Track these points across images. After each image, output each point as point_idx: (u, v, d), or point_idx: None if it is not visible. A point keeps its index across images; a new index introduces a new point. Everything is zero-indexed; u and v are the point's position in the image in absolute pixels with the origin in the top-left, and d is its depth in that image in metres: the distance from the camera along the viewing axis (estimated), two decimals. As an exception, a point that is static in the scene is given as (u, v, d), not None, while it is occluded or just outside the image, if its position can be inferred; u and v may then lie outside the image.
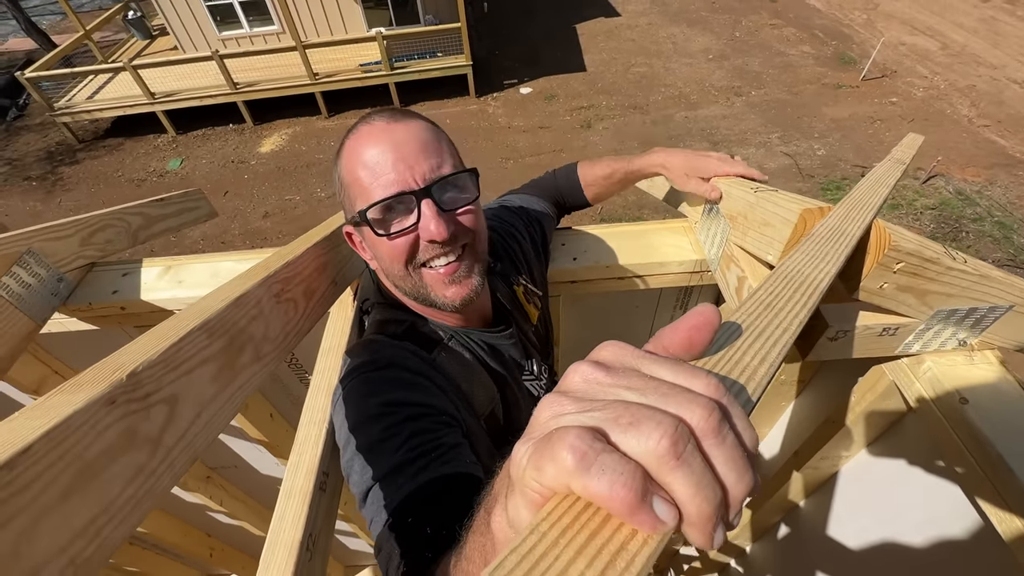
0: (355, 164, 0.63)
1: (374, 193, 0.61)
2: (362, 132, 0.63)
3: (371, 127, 0.63)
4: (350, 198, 0.65)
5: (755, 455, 0.22)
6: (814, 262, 0.44)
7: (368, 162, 0.61)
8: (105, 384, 0.32)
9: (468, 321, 0.77)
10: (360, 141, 0.63)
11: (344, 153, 0.65)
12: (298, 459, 0.63)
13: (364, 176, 0.62)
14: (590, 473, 0.19)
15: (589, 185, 1.03)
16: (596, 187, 1.03)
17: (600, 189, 1.03)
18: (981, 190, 5.49)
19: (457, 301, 0.67)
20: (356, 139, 0.63)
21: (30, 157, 7.71)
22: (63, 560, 0.28)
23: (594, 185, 1.03)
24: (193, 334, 0.40)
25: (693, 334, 0.27)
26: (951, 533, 0.83)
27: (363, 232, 0.66)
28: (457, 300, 0.66)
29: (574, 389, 0.24)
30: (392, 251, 0.64)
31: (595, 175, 1.02)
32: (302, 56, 7.22)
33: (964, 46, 8.08)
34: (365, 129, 0.63)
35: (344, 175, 0.65)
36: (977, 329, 0.70)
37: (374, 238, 0.64)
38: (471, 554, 0.33)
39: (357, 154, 0.62)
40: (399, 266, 0.65)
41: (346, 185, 0.65)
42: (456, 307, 0.67)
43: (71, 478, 0.28)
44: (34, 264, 0.89)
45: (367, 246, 0.69)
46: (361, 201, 0.63)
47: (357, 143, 0.63)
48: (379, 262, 0.69)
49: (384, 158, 0.61)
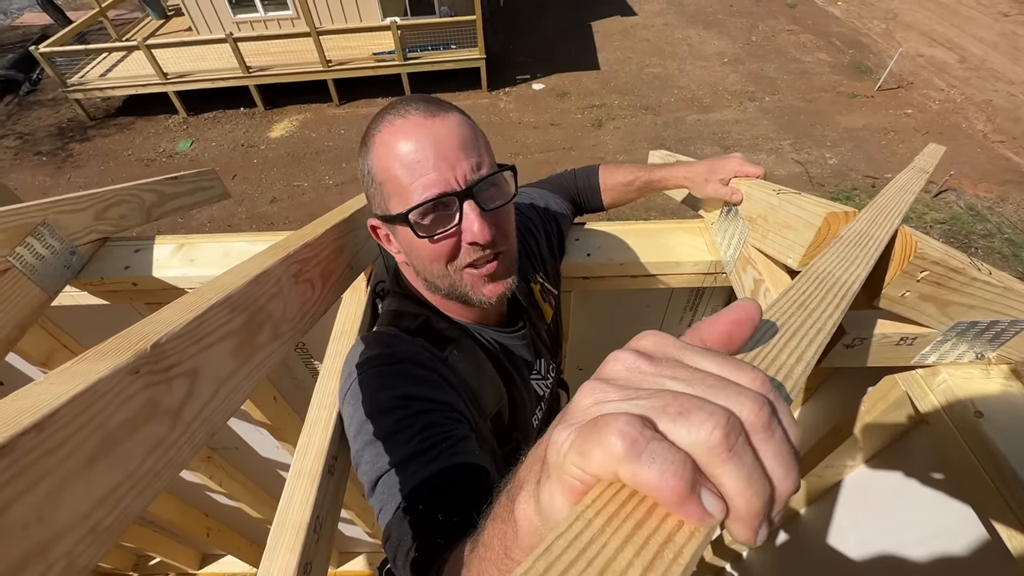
0: (391, 160, 0.59)
1: (414, 193, 0.58)
2: (397, 125, 0.59)
3: (407, 120, 0.59)
4: (383, 195, 0.62)
5: (799, 452, 0.21)
6: (844, 264, 0.44)
7: (406, 159, 0.58)
8: (130, 353, 0.32)
9: (486, 317, 0.76)
10: (396, 135, 0.58)
11: (376, 145, 0.61)
12: (308, 440, 0.63)
13: (402, 174, 0.58)
14: (640, 461, 0.18)
15: (608, 190, 1.03)
16: (615, 192, 1.03)
17: (618, 195, 1.03)
18: (992, 206, 5.45)
19: (494, 299, 0.66)
20: (391, 132, 0.59)
21: (41, 132, 7.72)
22: (84, 528, 0.28)
23: (613, 190, 1.03)
24: (216, 308, 0.39)
25: (733, 328, 0.26)
26: (955, 548, 0.82)
27: (396, 230, 0.64)
28: (494, 298, 0.66)
29: (616, 377, 0.23)
30: (433, 253, 0.62)
31: (616, 180, 1.01)
32: (316, 42, 7.20)
33: (983, 60, 8.00)
34: (400, 122, 0.59)
35: (376, 170, 0.61)
36: (996, 343, 0.69)
37: (412, 239, 0.61)
38: (489, 541, 0.33)
39: (392, 149, 0.58)
40: (438, 267, 0.63)
41: (379, 181, 0.61)
42: (492, 304, 0.67)
43: (95, 445, 0.28)
44: (48, 236, 0.89)
45: (399, 243, 0.66)
46: (398, 200, 0.60)
47: (392, 136, 0.59)
48: (413, 261, 0.66)
49: (424, 156, 0.57)
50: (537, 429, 0.85)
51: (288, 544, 0.53)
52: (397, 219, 0.60)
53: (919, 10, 9.66)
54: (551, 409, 0.92)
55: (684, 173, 0.92)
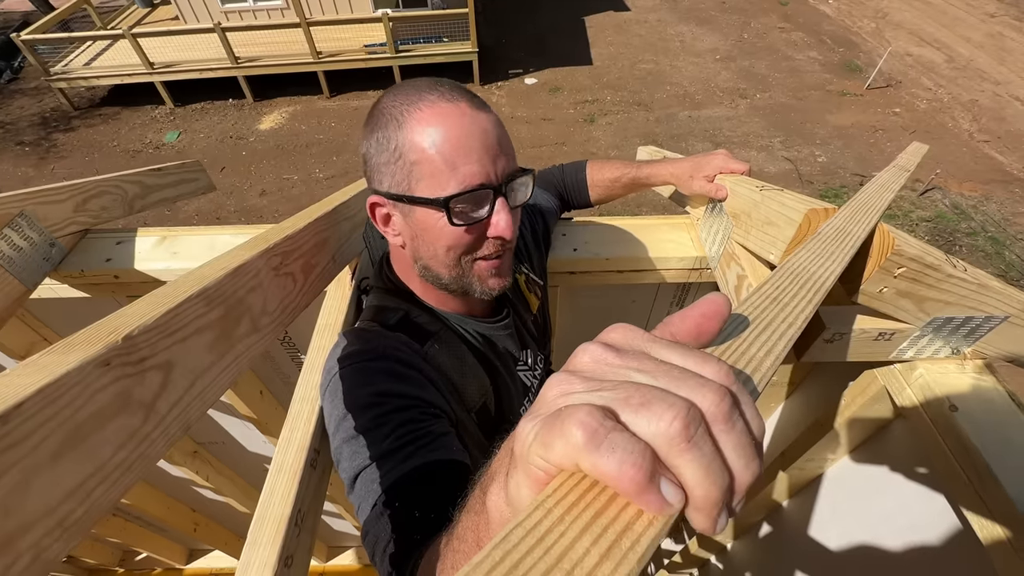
0: (434, 141, 0.57)
1: (454, 179, 0.58)
2: (444, 109, 0.58)
3: (455, 106, 0.58)
4: (411, 174, 0.59)
5: (761, 443, 0.22)
6: (820, 260, 0.44)
7: (453, 144, 0.57)
8: (100, 345, 0.31)
9: (471, 309, 0.76)
10: (445, 118, 0.58)
11: (415, 122, 0.58)
12: (290, 435, 0.62)
13: (445, 159, 0.57)
14: (600, 451, 0.19)
15: (595, 186, 1.03)
16: (601, 188, 1.03)
17: (605, 191, 1.03)
18: (977, 205, 5.53)
19: (496, 291, 0.68)
20: (437, 113, 0.58)
21: (23, 122, 7.55)
22: (51, 521, 0.28)
23: (600, 186, 1.03)
24: (191, 301, 0.39)
25: (703, 322, 0.27)
26: (931, 538, 0.84)
27: (411, 212, 0.62)
28: (496, 290, 0.68)
29: (583, 369, 0.24)
30: (457, 241, 0.62)
31: (603, 176, 1.02)
32: (306, 33, 7.11)
33: (970, 60, 8.09)
34: (447, 107, 0.58)
35: (410, 148, 0.58)
36: (971, 338, 0.70)
37: (432, 224, 0.61)
38: (463, 533, 0.33)
39: (439, 131, 0.57)
40: (452, 255, 0.63)
41: (410, 160, 0.59)
42: (492, 296, 0.69)
43: (63, 437, 0.28)
44: (26, 227, 0.87)
45: (407, 225, 0.64)
46: (431, 183, 0.58)
47: (440, 118, 0.57)
48: (422, 247, 0.64)
49: (472, 145, 0.58)
50: None
51: (268, 538, 0.53)
52: (426, 202, 0.59)
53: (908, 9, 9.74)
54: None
55: (670, 170, 0.93)
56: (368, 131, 0.63)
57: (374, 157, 0.62)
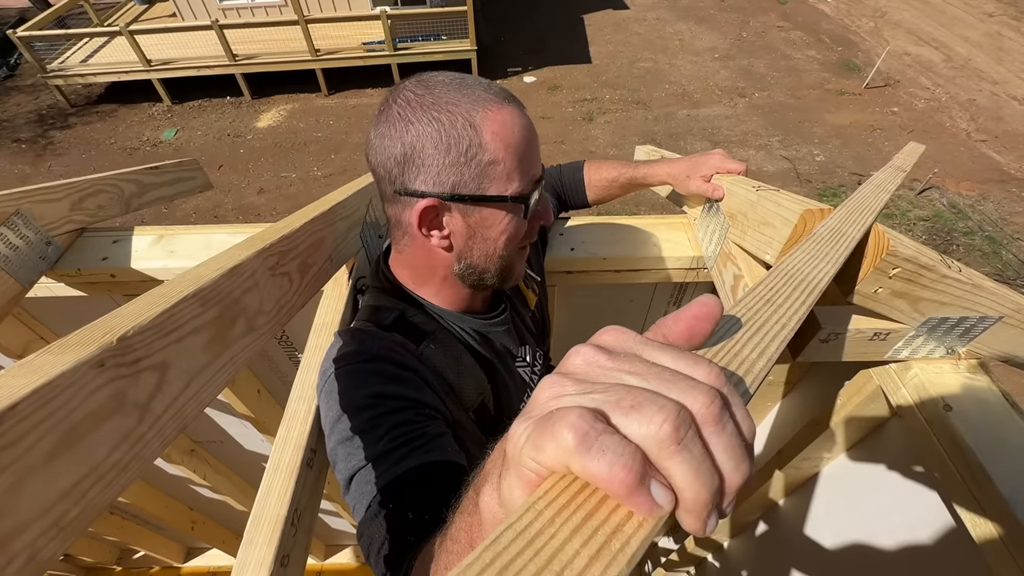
0: (508, 143, 0.61)
1: (526, 176, 0.63)
2: (510, 112, 0.62)
3: (512, 110, 0.62)
4: (487, 175, 0.61)
5: (752, 445, 0.22)
6: (814, 261, 0.44)
7: (524, 146, 0.62)
8: (94, 346, 0.31)
9: (471, 305, 0.76)
10: (514, 120, 0.61)
11: (490, 123, 0.60)
12: (286, 434, 0.62)
13: (517, 159, 0.62)
14: (590, 453, 0.19)
15: (593, 186, 1.03)
16: (599, 189, 1.03)
17: (602, 192, 1.03)
18: (974, 204, 5.55)
19: (521, 276, 0.76)
20: (507, 116, 0.61)
21: (20, 119, 7.52)
22: (47, 521, 0.28)
23: (597, 186, 1.03)
24: (186, 301, 0.39)
25: (694, 324, 0.27)
26: (925, 537, 0.85)
27: (475, 212, 0.63)
28: (522, 275, 0.76)
29: (575, 371, 0.24)
30: (518, 232, 0.67)
31: (600, 176, 1.02)
32: (304, 31, 7.09)
33: (968, 59, 8.11)
34: (512, 109, 0.62)
35: (482, 150, 0.60)
36: (966, 338, 0.71)
37: (499, 219, 0.64)
38: (456, 534, 0.33)
39: (512, 133, 0.61)
40: (512, 247, 0.68)
41: (486, 161, 0.60)
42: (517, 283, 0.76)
43: (57, 438, 0.28)
44: (22, 226, 0.87)
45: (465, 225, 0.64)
46: (503, 182, 0.62)
47: (510, 120, 0.61)
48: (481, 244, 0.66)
49: (531, 145, 0.64)
50: None
51: (265, 538, 0.53)
52: (500, 200, 0.62)
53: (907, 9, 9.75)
54: None
55: (667, 169, 0.93)
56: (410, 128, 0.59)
57: (431, 156, 0.59)
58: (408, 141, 0.59)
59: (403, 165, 0.61)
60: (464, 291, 0.73)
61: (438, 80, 0.62)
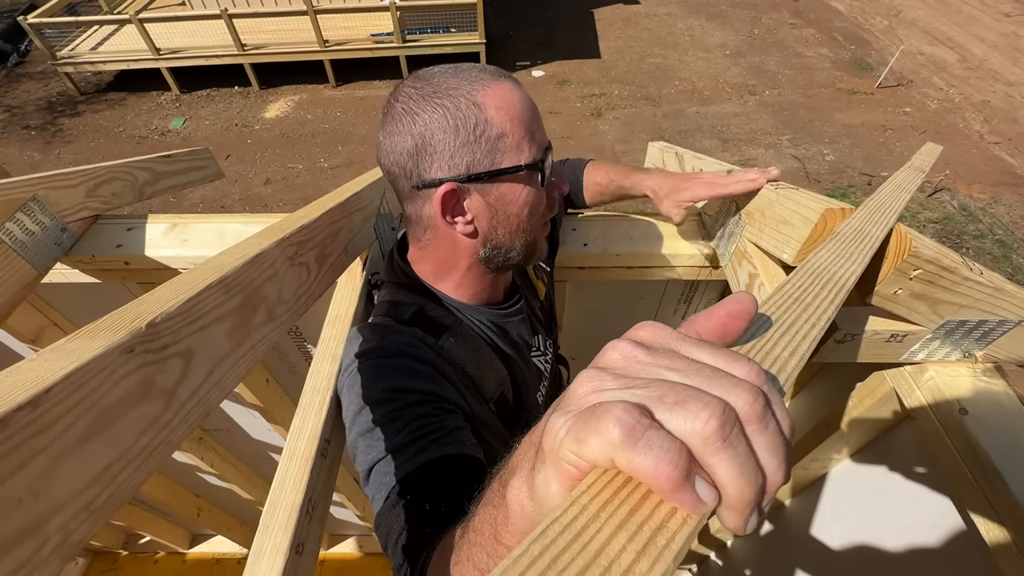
0: (511, 115, 0.61)
1: (535, 144, 0.63)
2: (507, 87, 0.62)
3: (510, 84, 0.62)
4: (498, 149, 0.61)
5: (791, 444, 0.22)
6: (840, 261, 0.44)
7: (526, 116, 0.62)
8: (124, 332, 0.31)
9: (493, 295, 0.77)
10: (511, 94, 0.62)
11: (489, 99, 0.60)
12: (301, 423, 0.63)
13: (523, 127, 0.62)
14: (636, 448, 0.19)
15: (589, 187, 1.03)
16: (593, 192, 1.03)
17: (596, 195, 1.04)
18: (985, 207, 5.49)
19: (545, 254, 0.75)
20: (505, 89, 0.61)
21: (30, 106, 7.54)
22: (79, 504, 0.28)
23: (591, 189, 1.03)
24: (211, 289, 0.39)
25: (728, 321, 0.27)
26: (935, 540, 0.84)
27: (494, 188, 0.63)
28: (545, 253, 0.75)
29: (613, 366, 0.24)
30: (540, 200, 0.67)
31: (595, 180, 1.02)
32: (313, 21, 7.06)
33: (983, 60, 7.99)
34: (509, 84, 0.62)
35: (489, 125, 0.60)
36: (984, 342, 0.70)
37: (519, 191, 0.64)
38: (480, 526, 0.33)
39: (512, 104, 0.61)
40: (536, 219, 0.68)
41: (494, 136, 0.60)
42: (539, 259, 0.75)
43: (90, 422, 0.28)
44: (38, 212, 0.88)
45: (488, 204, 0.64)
46: (516, 153, 0.62)
47: (508, 94, 0.61)
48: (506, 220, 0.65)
49: (535, 115, 0.64)
50: (543, 405, 0.86)
51: (281, 524, 0.53)
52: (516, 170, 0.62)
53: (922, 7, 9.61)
54: (553, 384, 0.93)
55: (650, 184, 0.91)
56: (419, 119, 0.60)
57: (442, 143, 0.60)
58: (417, 132, 0.60)
59: (416, 157, 0.61)
60: (486, 280, 0.73)
61: (434, 71, 0.63)
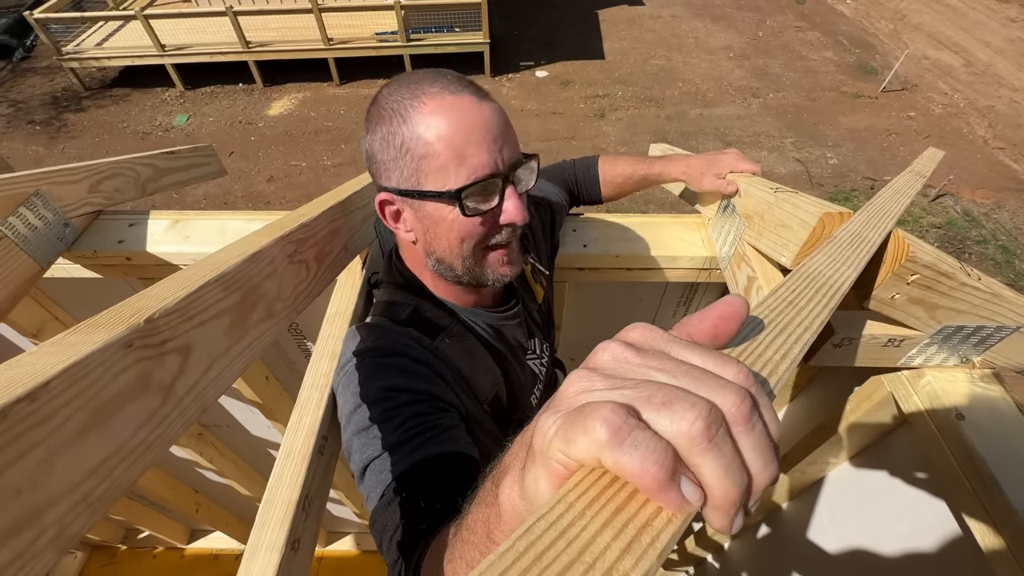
0: (441, 135, 0.57)
1: (463, 170, 0.58)
2: (446, 100, 0.58)
3: (459, 99, 0.58)
4: (419, 169, 0.59)
5: (779, 446, 0.22)
6: (835, 265, 0.44)
7: (460, 137, 0.57)
8: (123, 327, 0.32)
9: (482, 300, 0.77)
10: (450, 111, 0.57)
11: (421, 115, 0.58)
12: (299, 420, 0.63)
13: (453, 152, 0.57)
14: (623, 448, 0.19)
15: (607, 182, 1.03)
16: (613, 185, 1.03)
17: (616, 188, 1.03)
18: (988, 213, 5.47)
19: (508, 277, 0.69)
20: (442, 107, 0.57)
21: (35, 101, 7.57)
22: (75, 496, 0.28)
23: (612, 182, 1.03)
24: (210, 286, 0.39)
25: (720, 324, 0.27)
26: (931, 545, 0.84)
27: (420, 207, 0.62)
28: (508, 276, 0.69)
29: (603, 367, 0.24)
30: (470, 231, 0.62)
31: (615, 172, 1.02)
32: (317, 19, 7.07)
33: (988, 65, 7.97)
34: (452, 99, 0.58)
35: (417, 143, 0.58)
36: (981, 347, 0.70)
37: (442, 217, 0.61)
38: (473, 524, 0.34)
39: (446, 125, 0.57)
40: (466, 246, 0.64)
41: (418, 154, 0.58)
42: (506, 282, 0.70)
43: (87, 416, 0.29)
44: (41, 207, 0.88)
45: (417, 221, 0.64)
46: (439, 177, 0.59)
47: (446, 112, 0.57)
48: (434, 240, 0.64)
49: (479, 137, 0.58)
50: (537, 408, 0.86)
51: (277, 521, 0.54)
52: (436, 195, 0.59)
53: (927, 12, 9.59)
54: (548, 387, 0.93)
55: (682, 167, 0.93)
56: (371, 128, 0.62)
57: (379, 154, 0.62)
58: (367, 141, 0.64)
59: (370, 163, 0.65)
60: (451, 286, 0.72)
61: (400, 78, 0.63)
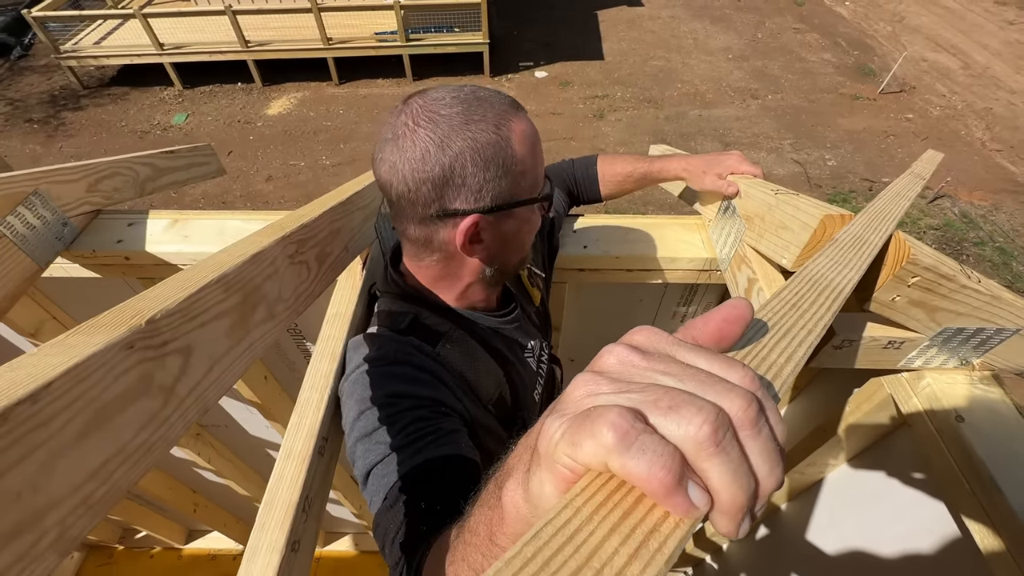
0: (528, 153, 0.65)
1: (539, 179, 0.68)
2: (524, 119, 0.66)
3: (525, 116, 0.67)
4: (520, 184, 0.64)
5: (785, 450, 0.22)
6: (838, 267, 0.44)
7: (538, 152, 0.68)
8: (124, 328, 0.32)
9: (488, 303, 0.78)
10: (528, 132, 0.66)
11: (515, 139, 0.63)
12: (299, 421, 0.63)
13: (536, 164, 0.67)
14: (630, 452, 0.19)
15: (606, 180, 1.03)
16: (613, 183, 1.03)
17: (616, 186, 1.03)
18: (986, 215, 5.49)
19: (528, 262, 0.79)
20: (524, 129, 0.65)
21: (32, 99, 7.54)
22: (76, 499, 0.28)
23: (611, 181, 1.03)
24: (211, 286, 0.39)
25: (724, 327, 0.27)
26: (930, 547, 0.84)
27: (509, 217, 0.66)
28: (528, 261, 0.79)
29: (609, 370, 0.24)
30: (539, 223, 0.73)
31: (614, 171, 1.02)
32: (317, 19, 7.06)
33: (986, 67, 8.00)
34: (524, 116, 0.66)
35: (517, 160, 0.63)
36: (981, 350, 0.70)
37: (528, 217, 0.69)
38: (475, 526, 0.34)
39: (530, 143, 0.65)
40: (532, 237, 0.73)
41: (518, 171, 0.63)
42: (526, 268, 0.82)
43: (89, 418, 0.28)
44: (40, 206, 0.88)
45: (501, 232, 0.67)
46: (529, 185, 0.66)
47: (526, 132, 0.65)
48: (515, 244, 0.71)
49: (540, 150, 0.68)
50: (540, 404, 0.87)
51: (277, 522, 0.54)
52: (531, 201, 0.68)
53: (926, 14, 9.62)
54: (548, 384, 0.94)
55: (683, 165, 0.93)
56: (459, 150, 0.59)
57: (474, 175, 0.60)
58: (447, 163, 0.59)
59: (442, 187, 0.60)
60: (485, 291, 0.76)
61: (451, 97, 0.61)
